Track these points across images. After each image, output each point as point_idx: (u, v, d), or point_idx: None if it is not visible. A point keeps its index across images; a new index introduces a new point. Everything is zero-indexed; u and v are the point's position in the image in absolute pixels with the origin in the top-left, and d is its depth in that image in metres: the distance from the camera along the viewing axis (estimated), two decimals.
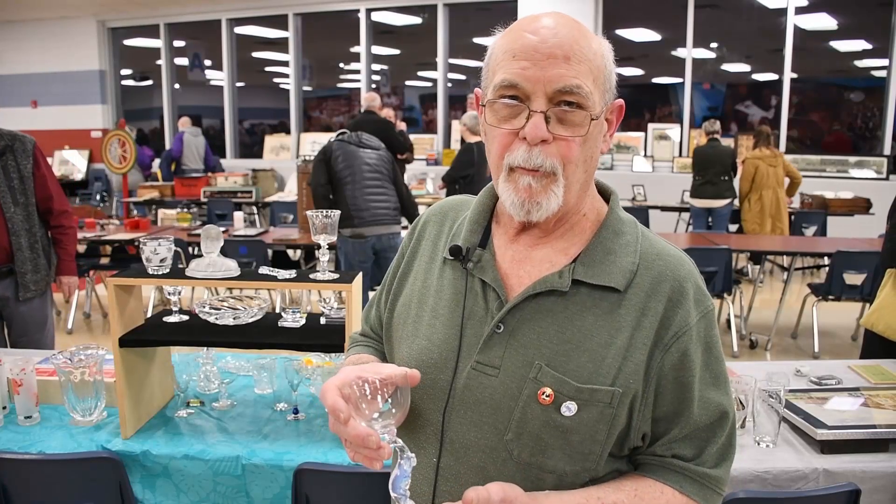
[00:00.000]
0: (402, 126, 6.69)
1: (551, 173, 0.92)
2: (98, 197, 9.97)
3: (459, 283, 1.02)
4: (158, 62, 11.00)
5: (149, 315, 2.35)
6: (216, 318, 1.84)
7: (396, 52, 10.98)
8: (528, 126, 0.90)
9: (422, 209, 7.79)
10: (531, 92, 0.90)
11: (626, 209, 1.08)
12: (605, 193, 1.05)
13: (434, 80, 9.87)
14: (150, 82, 11.71)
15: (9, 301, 2.97)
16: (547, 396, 0.92)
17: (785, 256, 6.27)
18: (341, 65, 11.46)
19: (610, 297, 0.94)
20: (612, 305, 0.94)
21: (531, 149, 0.91)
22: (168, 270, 1.84)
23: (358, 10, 9.80)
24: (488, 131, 0.97)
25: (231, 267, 1.83)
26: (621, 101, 0.99)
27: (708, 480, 0.95)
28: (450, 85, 9.84)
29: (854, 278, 4.52)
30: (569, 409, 0.91)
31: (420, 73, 11.23)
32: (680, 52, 8.76)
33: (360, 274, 1.87)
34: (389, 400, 0.89)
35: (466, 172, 5.80)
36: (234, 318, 1.85)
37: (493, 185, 1.03)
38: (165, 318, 1.96)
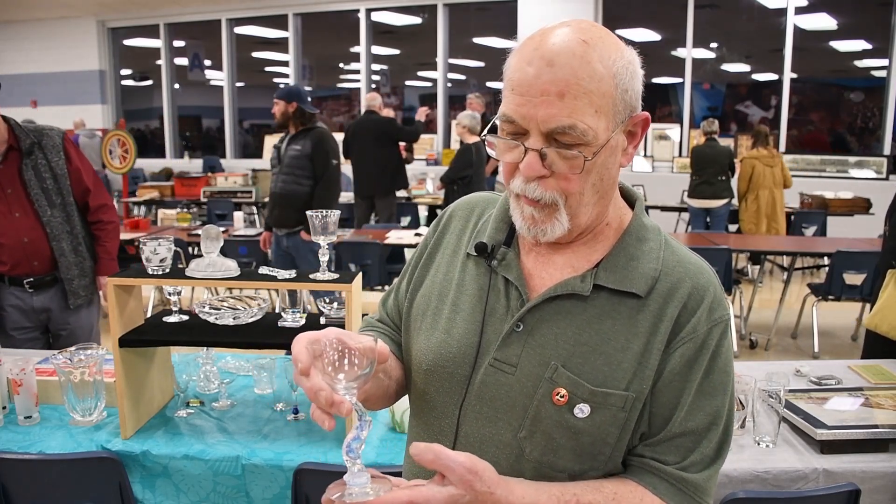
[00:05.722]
0: (422, 115, 6.74)
1: (552, 204, 0.92)
2: None
3: (483, 279, 1.02)
4: (158, 62, 11.00)
5: (149, 315, 2.35)
6: (216, 318, 1.84)
7: (396, 52, 10.98)
8: (522, 163, 0.90)
9: (422, 209, 7.76)
10: (527, 128, 0.89)
11: None
12: (630, 198, 1.04)
13: (434, 80, 9.87)
14: (149, 82, 11.72)
15: (55, 311, 2.74)
16: (561, 397, 0.92)
17: (785, 256, 6.27)
18: (341, 65, 11.46)
19: (630, 303, 0.94)
20: (632, 311, 0.94)
21: (529, 182, 0.91)
22: (168, 270, 1.84)
23: (358, 10, 9.80)
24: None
25: (231, 267, 1.83)
26: (646, 114, 0.95)
27: (685, 485, 0.93)
28: (449, 85, 9.84)
29: (854, 278, 4.52)
30: (582, 410, 0.92)
31: (420, 73, 11.22)
32: (680, 52, 8.76)
33: (360, 274, 1.87)
34: (357, 364, 0.85)
35: (465, 173, 5.80)
36: (234, 318, 1.85)
37: None
38: (165, 318, 1.96)
